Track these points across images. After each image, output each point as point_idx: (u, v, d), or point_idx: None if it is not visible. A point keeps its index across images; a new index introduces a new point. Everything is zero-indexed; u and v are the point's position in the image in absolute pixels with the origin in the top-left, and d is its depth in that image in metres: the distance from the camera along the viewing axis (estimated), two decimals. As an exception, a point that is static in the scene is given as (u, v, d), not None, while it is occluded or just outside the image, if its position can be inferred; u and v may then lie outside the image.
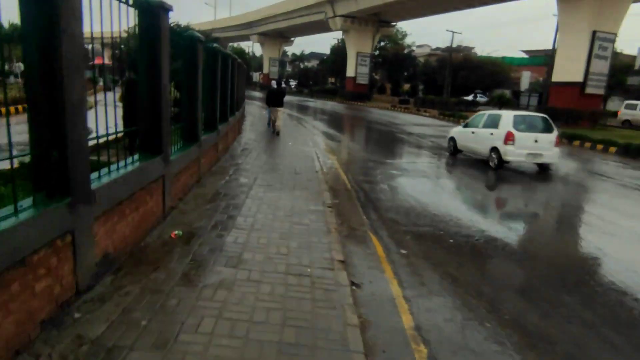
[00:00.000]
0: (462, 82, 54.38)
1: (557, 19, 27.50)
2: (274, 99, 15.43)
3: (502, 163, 11.63)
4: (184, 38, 6.88)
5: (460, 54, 58.63)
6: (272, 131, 15.85)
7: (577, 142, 20.01)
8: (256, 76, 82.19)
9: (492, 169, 11.81)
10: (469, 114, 32.87)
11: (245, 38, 76.91)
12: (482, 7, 40.19)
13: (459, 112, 32.34)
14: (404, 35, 73.29)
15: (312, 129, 20.07)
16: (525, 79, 55.11)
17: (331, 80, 72.75)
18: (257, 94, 50.75)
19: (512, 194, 9.93)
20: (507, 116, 11.96)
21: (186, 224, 5.38)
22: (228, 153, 10.82)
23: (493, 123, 12.19)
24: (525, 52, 71.57)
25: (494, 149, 11.77)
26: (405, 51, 66.94)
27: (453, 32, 52.90)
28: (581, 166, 14.20)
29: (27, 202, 2.96)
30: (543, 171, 12.04)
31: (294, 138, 15.19)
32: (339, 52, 66.19)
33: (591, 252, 6.19)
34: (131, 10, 4.48)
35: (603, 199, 9.62)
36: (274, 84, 18.80)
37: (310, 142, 14.90)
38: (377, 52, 58.93)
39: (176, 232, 4.98)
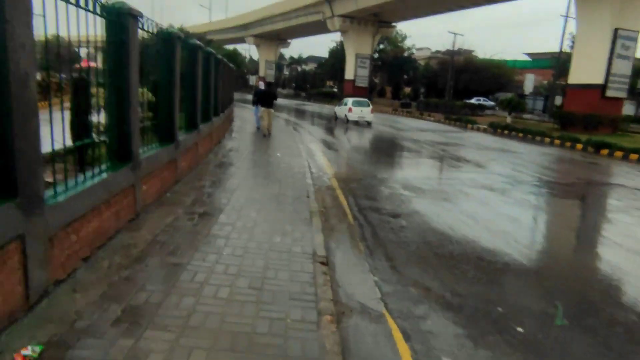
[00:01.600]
0: (464, 86, 52.39)
1: (576, 16, 25.31)
2: (263, 100, 15.01)
3: (348, 121, 24.53)
4: (109, 11, 4.58)
5: (461, 56, 56.63)
6: (263, 134, 15.21)
7: (605, 151, 17.73)
8: (253, 79, 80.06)
9: (345, 123, 24.59)
10: (477, 118, 30.73)
11: (241, 40, 74.84)
12: (488, 5, 38.15)
13: (466, 117, 30.01)
14: (404, 38, 71.34)
15: (307, 135, 17.77)
16: (529, 82, 53.04)
17: (329, 83, 70.78)
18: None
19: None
20: (350, 100, 25.31)
21: (67, 319, 3.04)
22: (197, 169, 8.51)
23: (346, 103, 25.15)
24: (529, 54, 69.61)
25: (345, 115, 24.64)
26: (405, 54, 64.97)
27: (455, 34, 50.91)
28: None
29: None
30: (368, 125, 24.28)
31: (286, 147, 12.88)
32: (337, 55, 64.21)
33: None
34: None
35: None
36: (261, 84, 18.17)
37: (304, 151, 12.61)
38: (376, 55, 56.85)
39: (29, 350, 2.63)
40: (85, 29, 3.86)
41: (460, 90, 52.31)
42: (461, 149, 16.72)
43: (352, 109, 24.09)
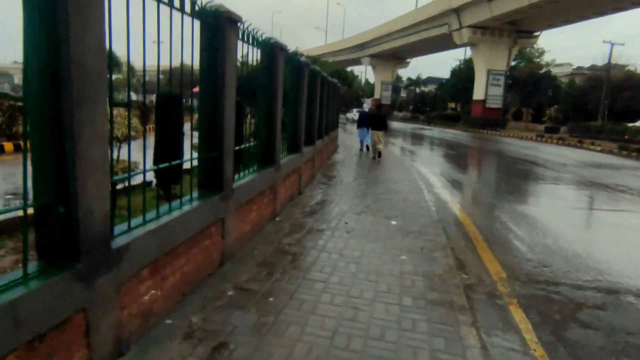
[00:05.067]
0: (624, 106, 42.13)
1: None
2: (373, 122, 14.76)
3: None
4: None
5: (617, 71, 45.99)
6: (372, 157, 14.66)
7: None
8: (368, 102, 76.55)
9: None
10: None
11: (357, 62, 71.91)
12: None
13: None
14: (541, 53, 62.16)
15: (430, 174, 12.43)
16: None
17: (451, 105, 64.08)
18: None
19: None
20: (355, 109, 41.77)
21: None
22: (221, 269, 3.94)
23: (351, 111, 44.49)
24: None
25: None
26: (543, 70, 55.74)
27: (612, 44, 41.33)
28: None
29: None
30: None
31: (404, 200, 7.86)
32: (460, 74, 57.59)
33: None
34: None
35: None
36: (365, 107, 18.85)
37: (433, 206, 7.56)
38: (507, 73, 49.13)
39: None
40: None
41: (618, 111, 42.16)
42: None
43: (356, 113, 33.82)
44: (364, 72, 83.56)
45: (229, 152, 4.06)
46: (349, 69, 79.71)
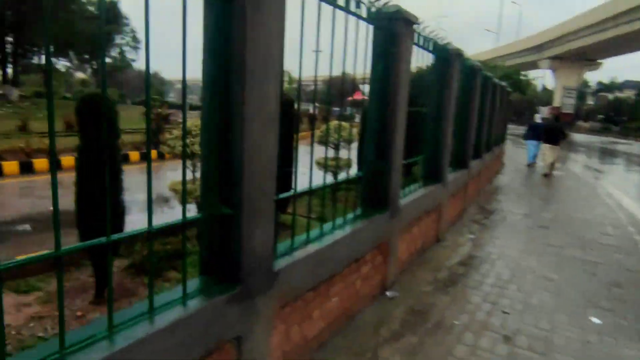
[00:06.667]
0: None
1: None
2: (547, 135, 12.63)
3: None
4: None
5: None
6: (544, 174, 12.63)
7: None
8: (543, 111, 67.15)
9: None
10: None
11: (532, 66, 63.50)
12: None
13: None
14: None
15: (647, 216, 8.61)
16: None
17: (658, 115, 51.96)
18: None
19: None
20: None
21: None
22: None
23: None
24: None
25: None
26: None
27: None
28: None
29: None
30: None
31: (606, 264, 4.92)
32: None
33: None
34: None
35: None
36: (537, 117, 15.93)
37: None
38: None
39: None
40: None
41: None
42: None
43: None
44: (543, 77, 73.60)
45: (256, 208, 2.14)
46: (522, 73, 71.04)
